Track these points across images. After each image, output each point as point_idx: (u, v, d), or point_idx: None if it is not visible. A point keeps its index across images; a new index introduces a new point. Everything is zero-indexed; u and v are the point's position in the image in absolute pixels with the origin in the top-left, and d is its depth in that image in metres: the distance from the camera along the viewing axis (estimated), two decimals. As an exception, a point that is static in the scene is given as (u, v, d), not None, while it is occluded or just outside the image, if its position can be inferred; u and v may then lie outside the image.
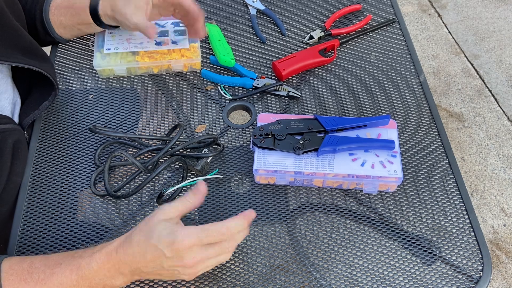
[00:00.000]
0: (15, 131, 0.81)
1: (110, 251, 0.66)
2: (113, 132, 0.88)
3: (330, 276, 0.76)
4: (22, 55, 0.84)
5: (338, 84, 1.00)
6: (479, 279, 0.76)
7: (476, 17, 2.49)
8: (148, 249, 0.65)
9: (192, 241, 0.64)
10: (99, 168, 0.86)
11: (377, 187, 0.83)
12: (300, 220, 0.82)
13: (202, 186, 0.69)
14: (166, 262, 0.65)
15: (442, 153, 0.90)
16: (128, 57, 0.98)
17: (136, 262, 0.66)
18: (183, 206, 0.68)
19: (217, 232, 0.66)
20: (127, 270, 0.66)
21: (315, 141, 0.83)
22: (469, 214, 0.83)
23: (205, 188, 0.69)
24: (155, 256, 0.65)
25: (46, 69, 0.87)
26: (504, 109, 2.14)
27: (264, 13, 1.13)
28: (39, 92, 0.91)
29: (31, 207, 0.83)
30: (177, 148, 0.85)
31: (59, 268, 0.66)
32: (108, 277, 0.67)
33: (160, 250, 0.64)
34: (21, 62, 0.82)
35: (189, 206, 0.69)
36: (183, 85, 1.00)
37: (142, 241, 0.65)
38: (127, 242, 0.66)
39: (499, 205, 1.86)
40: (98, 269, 0.66)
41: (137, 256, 0.65)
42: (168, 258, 0.65)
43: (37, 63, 0.85)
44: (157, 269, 0.66)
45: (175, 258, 0.65)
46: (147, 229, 0.66)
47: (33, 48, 0.88)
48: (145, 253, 0.65)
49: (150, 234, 0.65)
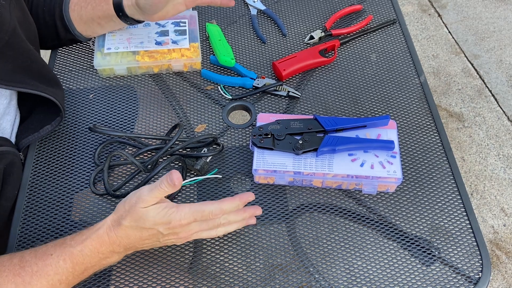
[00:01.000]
0: (9, 154, 0.79)
1: (101, 235, 0.68)
2: (112, 131, 0.88)
3: (329, 276, 0.76)
4: (34, 80, 0.83)
5: (338, 85, 1.00)
6: (478, 280, 0.76)
7: (476, 17, 2.49)
8: (143, 231, 0.68)
9: (188, 221, 0.68)
10: (99, 167, 0.86)
11: (377, 188, 0.83)
12: (300, 220, 0.82)
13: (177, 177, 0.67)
14: (162, 238, 0.70)
15: (442, 153, 0.90)
16: (129, 57, 0.98)
17: (131, 241, 0.69)
18: (161, 195, 0.68)
19: (212, 213, 0.69)
20: (122, 249, 0.70)
21: (315, 141, 0.83)
22: (468, 215, 0.83)
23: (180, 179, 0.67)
24: (151, 235, 0.69)
25: (55, 95, 0.86)
26: (504, 109, 2.14)
27: (264, 13, 1.13)
28: (43, 113, 0.90)
29: (30, 206, 0.83)
30: (176, 148, 0.85)
31: (51, 259, 0.67)
32: (102, 258, 0.69)
33: (156, 230, 0.68)
34: (32, 88, 0.82)
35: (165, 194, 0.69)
36: (183, 84, 1.00)
37: (135, 226, 0.68)
38: (116, 226, 0.68)
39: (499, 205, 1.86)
40: (91, 254, 0.68)
41: (131, 237, 0.69)
42: (164, 235, 0.69)
43: (47, 88, 0.85)
44: (152, 244, 0.71)
45: (171, 234, 0.69)
46: (136, 217, 0.67)
47: (44, 73, 0.87)
48: (141, 235, 0.68)
49: (142, 221, 0.67)
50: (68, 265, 0.67)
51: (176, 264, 0.77)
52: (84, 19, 0.95)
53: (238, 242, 0.80)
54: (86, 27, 0.97)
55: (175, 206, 0.69)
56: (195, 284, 0.75)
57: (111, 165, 0.86)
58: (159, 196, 0.68)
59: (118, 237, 0.68)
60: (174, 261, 0.78)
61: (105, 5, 0.92)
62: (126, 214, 0.68)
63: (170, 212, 0.68)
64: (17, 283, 0.65)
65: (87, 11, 0.94)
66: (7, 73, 0.79)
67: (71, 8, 0.95)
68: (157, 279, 0.76)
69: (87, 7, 0.94)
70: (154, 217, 0.67)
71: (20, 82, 0.81)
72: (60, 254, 0.67)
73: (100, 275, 0.76)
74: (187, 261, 0.78)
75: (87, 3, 0.94)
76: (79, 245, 0.67)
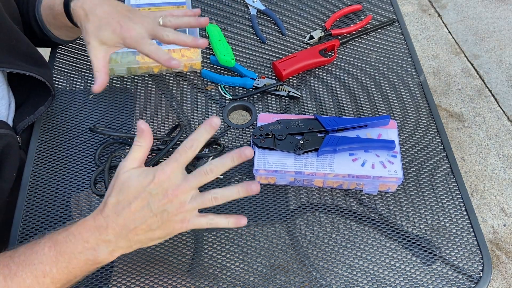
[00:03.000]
0: (6, 136, 0.78)
1: (87, 220, 0.63)
2: (113, 132, 0.88)
3: (330, 276, 0.76)
4: (20, 60, 0.82)
5: (338, 84, 1.00)
6: (479, 279, 0.76)
7: (476, 17, 2.49)
8: (130, 199, 0.62)
9: (170, 165, 0.62)
10: (100, 168, 0.86)
11: (377, 187, 0.83)
12: (300, 220, 0.82)
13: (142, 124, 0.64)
14: (153, 203, 0.61)
15: (442, 153, 0.90)
16: (128, 57, 0.98)
17: (120, 219, 0.62)
18: (139, 153, 0.65)
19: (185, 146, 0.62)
20: (111, 235, 0.62)
21: (316, 141, 0.83)
22: (469, 214, 0.83)
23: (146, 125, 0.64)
24: (140, 200, 0.61)
25: (43, 74, 0.84)
26: (504, 109, 2.14)
27: (264, 13, 1.13)
28: (36, 96, 0.89)
29: (31, 206, 0.83)
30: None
31: (38, 246, 0.64)
32: (88, 249, 0.62)
33: (143, 191, 0.61)
34: (18, 68, 0.80)
35: (143, 150, 0.65)
36: (183, 85, 1.00)
37: (122, 197, 0.62)
38: (103, 207, 0.63)
39: (499, 205, 1.86)
40: (75, 241, 0.62)
41: (120, 212, 0.62)
42: (153, 196, 0.61)
43: (34, 68, 0.83)
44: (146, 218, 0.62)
45: (160, 194, 0.61)
46: (120, 185, 0.62)
47: (30, 52, 0.86)
48: (130, 204, 0.61)
49: (127, 186, 0.62)
50: (52, 253, 0.63)
51: (176, 264, 0.77)
52: (54, 26, 0.94)
53: (239, 242, 0.79)
54: (60, 32, 0.96)
55: None
56: (195, 284, 0.75)
57: (112, 166, 0.86)
58: (137, 156, 0.64)
59: (105, 218, 0.62)
60: (174, 261, 0.77)
61: (61, 17, 0.88)
62: (110, 190, 0.63)
63: (154, 169, 0.62)
64: (4, 275, 0.62)
65: (54, 20, 0.92)
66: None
67: (42, 13, 0.92)
68: (157, 279, 0.75)
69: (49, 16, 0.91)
70: (138, 176, 0.62)
71: (6, 62, 0.79)
72: (46, 241, 0.64)
73: (102, 275, 0.76)
74: (187, 261, 0.78)
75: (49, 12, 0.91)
76: (64, 232, 0.64)
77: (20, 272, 0.62)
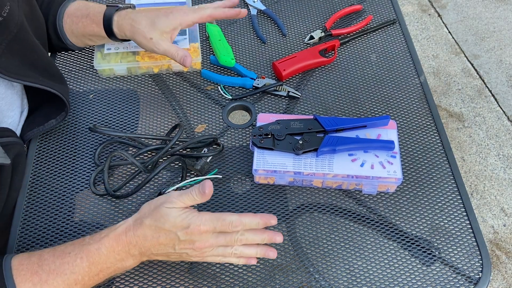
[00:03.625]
0: (16, 145, 0.79)
1: (119, 234, 0.68)
2: (113, 131, 0.88)
3: (329, 276, 0.76)
4: (39, 75, 0.83)
5: (338, 85, 1.00)
6: (478, 280, 0.76)
7: (476, 17, 2.49)
8: (161, 233, 0.67)
9: (207, 228, 0.67)
10: (99, 167, 0.86)
11: (377, 188, 0.83)
12: (300, 220, 0.82)
13: (208, 187, 0.68)
14: (178, 245, 0.68)
15: (442, 153, 0.90)
16: (129, 57, 0.98)
17: (147, 244, 0.68)
18: (189, 201, 0.69)
19: (232, 224, 0.68)
20: (137, 252, 0.68)
21: (315, 141, 0.83)
22: (468, 215, 0.83)
23: (211, 189, 0.69)
24: (168, 239, 0.67)
25: (60, 90, 0.86)
26: (504, 109, 2.14)
27: (264, 13, 1.13)
28: (48, 108, 0.90)
29: (30, 206, 0.83)
30: (177, 148, 0.85)
31: (69, 257, 0.67)
32: (118, 260, 0.68)
33: (174, 233, 0.67)
34: (36, 82, 0.82)
35: (194, 202, 0.69)
36: (183, 85, 1.00)
37: (154, 226, 0.67)
38: (137, 225, 0.68)
39: (499, 205, 1.86)
40: (107, 253, 0.67)
41: (148, 239, 0.68)
42: (180, 241, 0.68)
43: (52, 83, 0.85)
44: (168, 251, 0.69)
45: (187, 241, 0.68)
46: (159, 215, 0.67)
47: (50, 68, 0.87)
48: (159, 237, 0.67)
49: (163, 220, 0.67)
50: (84, 263, 0.67)
51: (176, 264, 0.77)
52: (76, 34, 0.95)
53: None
54: (77, 40, 0.97)
55: (196, 212, 0.69)
56: (195, 284, 0.75)
57: (111, 166, 0.86)
58: (187, 203, 0.69)
59: (135, 237, 0.68)
60: (174, 261, 0.77)
61: (96, 27, 0.91)
62: (149, 213, 0.68)
63: (191, 216, 0.67)
64: (34, 282, 0.65)
65: (78, 28, 0.94)
66: (14, 66, 0.78)
67: (64, 20, 0.94)
68: (157, 279, 0.76)
69: (78, 24, 0.93)
70: (175, 218, 0.67)
71: (27, 76, 0.81)
72: (78, 252, 0.67)
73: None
74: (187, 261, 0.78)
75: (78, 20, 0.93)
76: (96, 243, 0.68)
77: (51, 280, 0.66)
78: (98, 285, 0.74)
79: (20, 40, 0.80)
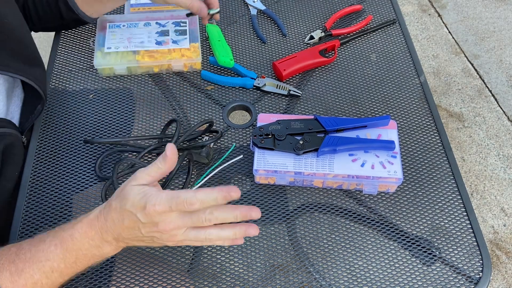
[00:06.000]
0: (10, 136, 0.78)
1: (91, 219, 0.65)
2: (108, 139, 0.88)
3: (329, 276, 0.76)
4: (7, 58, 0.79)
5: (338, 85, 1.00)
6: (478, 280, 0.76)
7: (476, 17, 2.48)
8: (124, 215, 0.62)
9: (162, 207, 0.60)
10: (108, 181, 0.83)
11: (377, 188, 0.83)
12: (300, 221, 0.82)
13: (170, 149, 0.63)
14: (143, 228, 0.62)
15: (442, 153, 0.90)
16: (129, 56, 0.98)
17: (116, 228, 0.64)
18: (155, 172, 0.64)
19: (186, 202, 0.60)
20: (110, 237, 0.64)
21: (315, 141, 0.83)
22: (469, 215, 0.83)
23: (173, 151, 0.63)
24: (131, 221, 0.62)
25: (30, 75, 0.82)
26: (504, 109, 2.14)
27: (264, 13, 1.13)
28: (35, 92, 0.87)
29: (30, 206, 0.83)
30: (178, 142, 0.85)
31: (44, 244, 0.65)
32: (94, 246, 0.65)
33: (134, 215, 0.62)
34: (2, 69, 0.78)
35: (161, 172, 0.64)
36: (183, 84, 1.00)
37: (119, 207, 0.63)
38: (105, 209, 0.64)
39: (499, 205, 1.86)
40: (81, 239, 0.64)
41: (116, 223, 0.63)
42: (143, 224, 0.62)
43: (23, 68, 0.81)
44: (137, 236, 0.64)
45: (149, 223, 0.62)
46: (122, 195, 0.63)
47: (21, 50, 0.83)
48: (123, 219, 0.63)
49: (125, 201, 0.62)
50: (58, 250, 0.64)
51: (176, 264, 0.77)
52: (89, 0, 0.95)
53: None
54: (88, 6, 0.96)
55: (155, 190, 0.62)
56: (195, 284, 0.75)
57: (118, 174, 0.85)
58: (153, 175, 0.64)
59: (105, 221, 0.64)
60: (174, 261, 0.77)
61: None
62: (117, 193, 0.64)
63: (148, 195, 0.61)
64: (11, 271, 0.64)
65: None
66: None
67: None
68: (157, 279, 0.75)
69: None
70: (134, 196, 0.61)
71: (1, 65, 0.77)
72: (52, 239, 0.65)
73: (102, 275, 0.76)
74: (187, 261, 0.78)
75: None
76: (70, 229, 0.65)
77: (28, 268, 0.64)
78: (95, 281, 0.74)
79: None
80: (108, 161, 0.88)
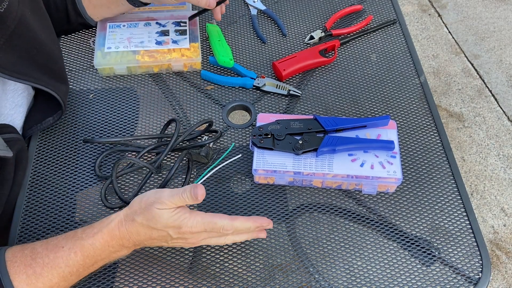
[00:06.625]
0: (19, 141, 0.80)
1: (112, 229, 0.69)
2: (108, 138, 0.88)
3: (329, 276, 0.76)
4: (38, 72, 0.82)
5: (338, 85, 1.00)
6: (478, 281, 0.76)
7: (476, 17, 2.48)
8: (153, 231, 0.68)
9: (198, 229, 0.68)
10: (107, 181, 0.84)
11: (377, 188, 0.83)
12: (300, 220, 0.82)
13: (201, 191, 0.68)
14: (171, 240, 0.70)
15: (442, 153, 0.90)
16: (129, 56, 0.98)
17: (140, 238, 0.69)
18: (180, 203, 0.68)
19: (223, 228, 0.69)
20: (131, 244, 0.70)
21: (315, 141, 0.83)
22: (468, 215, 0.83)
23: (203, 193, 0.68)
24: (161, 236, 0.69)
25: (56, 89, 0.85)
26: (504, 109, 2.14)
27: (264, 13, 1.13)
28: (46, 103, 0.89)
29: (30, 206, 0.83)
30: (177, 141, 0.85)
31: (63, 251, 0.68)
32: (112, 252, 0.70)
33: (165, 231, 0.68)
34: (32, 81, 0.81)
35: (185, 203, 0.69)
36: (183, 84, 1.00)
37: (146, 224, 0.68)
38: (129, 221, 0.69)
39: (499, 205, 1.86)
40: (102, 247, 0.69)
41: (141, 235, 0.69)
42: (172, 238, 0.69)
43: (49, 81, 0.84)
44: (161, 244, 0.72)
45: (180, 238, 0.70)
46: (150, 216, 0.67)
47: (52, 65, 0.87)
48: (151, 233, 0.69)
49: (154, 221, 0.67)
50: (79, 257, 0.68)
51: (176, 264, 0.77)
52: (94, 3, 0.97)
53: (238, 242, 0.79)
54: (95, 11, 0.99)
55: (188, 213, 0.69)
56: (195, 284, 0.75)
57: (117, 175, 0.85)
58: (178, 204, 0.68)
59: (128, 232, 0.68)
60: (174, 261, 0.78)
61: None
62: (140, 211, 0.68)
63: (183, 218, 0.68)
64: (28, 274, 0.66)
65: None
66: (11, 63, 0.77)
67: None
68: (157, 279, 0.76)
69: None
70: (167, 220, 0.67)
71: (22, 74, 0.79)
72: (71, 247, 0.68)
73: (104, 276, 0.76)
74: (187, 261, 0.78)
75: None
76: (90, 238, 0.68)
77: (46, 273, 0.67)
78: (98, 285, 0.74)
79: (19, 35, 0.78)
80: (108, 160, 0.88)
